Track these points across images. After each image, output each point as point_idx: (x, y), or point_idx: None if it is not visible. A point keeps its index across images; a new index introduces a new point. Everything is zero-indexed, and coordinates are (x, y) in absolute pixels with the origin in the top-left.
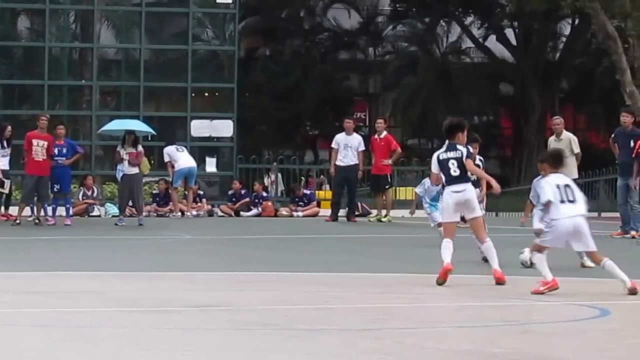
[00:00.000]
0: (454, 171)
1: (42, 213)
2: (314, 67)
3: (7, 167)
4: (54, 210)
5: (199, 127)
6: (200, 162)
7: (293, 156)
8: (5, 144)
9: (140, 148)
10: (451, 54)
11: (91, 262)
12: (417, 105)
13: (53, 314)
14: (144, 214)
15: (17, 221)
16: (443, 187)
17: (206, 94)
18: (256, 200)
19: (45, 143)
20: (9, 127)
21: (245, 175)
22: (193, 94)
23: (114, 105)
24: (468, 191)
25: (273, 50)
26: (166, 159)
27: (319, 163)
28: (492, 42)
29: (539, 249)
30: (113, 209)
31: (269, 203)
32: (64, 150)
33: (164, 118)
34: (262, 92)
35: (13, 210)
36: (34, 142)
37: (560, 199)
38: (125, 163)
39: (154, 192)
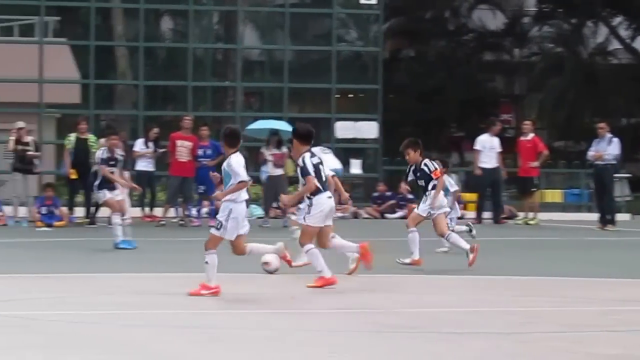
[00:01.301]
0: None
1: (186, 214)
2: (459, 68)
3: (151, 169)
4: (198, 212)
5: (343, 129)
6: (345, 164)
7: (438, 158)
8: (150, 145)
9: (284, 149)
10: (598, 55)
11: (235, 263)
12: (563, 107)
13: (194, 316)
14: (290, 215)
15: (162, 222)
16: None
17: (350, 95)
18: (401, 202)
19: (190, 144)
20: (156, 129)
21: (390, 177)
22: (337, 95)
23: (257, 106)
24: None
25: (417, 52)
26: None
27: (465, 165)
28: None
29: None
30: (257, 211)
31: (415, 205)
32: (208, 152)
33: (307, 119)
34: (407, 93)
35: (158, 211)
36: (178, 143)
37: None
38: (270, 164)
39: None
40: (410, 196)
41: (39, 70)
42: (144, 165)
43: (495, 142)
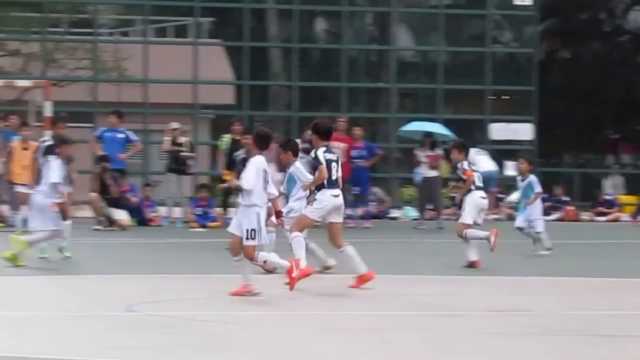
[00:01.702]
0: None
1: None
2: (615, 69)
3: None
4: (353, 213)
5: (498, 130)
6: (500, 166)
7: (594, 160)
8: (306, 149)
9: (438, 151)
10: None
11: (389, 265)
12: None
13: (353, 317)
14: (443, 217)
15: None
16: None
17: (505, 97)
18: (556, 205)
19: (344, 145)
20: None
21: (545, 178)
22: (491, 97)
23: (411, 107)
24: None
25: (572, 53)
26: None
27: (622, 167)
28: None
29: None
30: (412, 212)
31: (570, 207)
32: (363, 153)
33: (461, 121)
34: (561, 94)
35: None
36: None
37: None
38: (424, 166)
39: (453, 195)
40: (565, 198)
41: (194, 72)
42: None
43: None
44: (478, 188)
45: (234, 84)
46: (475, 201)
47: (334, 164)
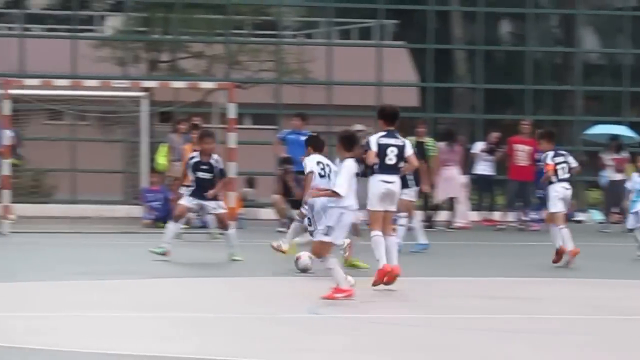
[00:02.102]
0: None
1: (525, 218)
2: None
3: (490, 173)
4: (538, 216)
5: None
6: None
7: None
8: (490, 150)
9: (624, 154)
10: None
11: (568, 269)
12: None
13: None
14: None
15: (501, 226)
16: None
17: None
18: None
19: (529, 148)
20: (496, 133)
21: None
22: None
23: (597, 110)
24: None
25: None
26: None
27: None
28: None
29: None
30: (597, 215)
31: None
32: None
33: None
34: None
35: (497, 215)
36: (517, 147)
37: None
38: (610, 169)
39: None
40: None
41: (377, 74)
42: (483, 169)
43: None
44: (560, 180)
45: (418, 86)
46: (557, 191)
47: (391, 149)
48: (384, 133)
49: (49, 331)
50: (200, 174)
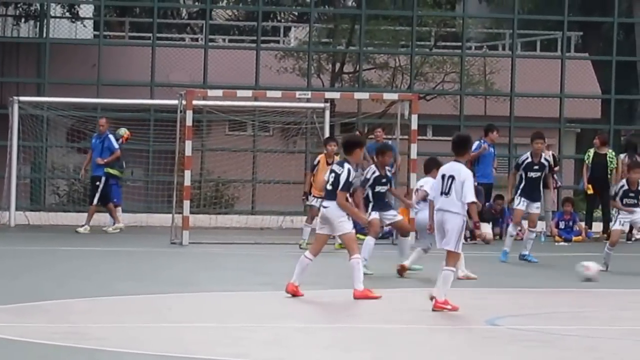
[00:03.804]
0: None
1: None
2: None
3: None
4: None
5: None
6: None
7: None
8: None
9: None
10: None
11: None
12: None
13: None
14: None
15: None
16: None
17: None
18: None
19: None
20: None
21: None
22: None
23: None
24: None
25: None
26: None
27: None
28: None
29: None
30: None
31: None
32: None
33: None
34: None
35: None
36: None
37: None
38: None
39: None
40: None
41: (560, 85)
42: None
43: None
44: None
45: (601, 98)
46: None
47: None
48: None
49: (250, 342)
50: (379, 188)
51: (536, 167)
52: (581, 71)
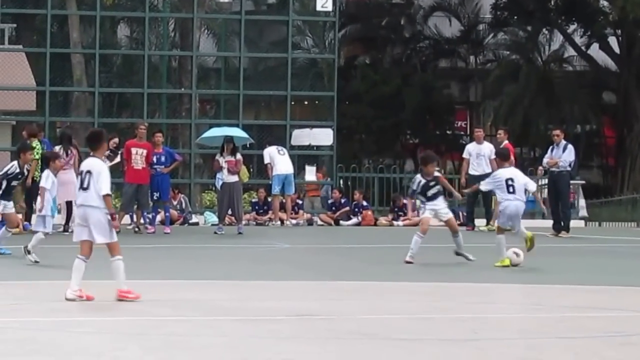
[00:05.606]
0: None
1: (141, 221)
2: (414, 75)
3: None
4: (153, 219)
5: (299, 136)
6: (300, 170)
7: (393, 165)
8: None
9: (239, 156)
10: (553, 62)
11: (190, 270)
12: (518, 114)
13: (151, 322)
14: (244, 222)
15: (117, 230)
16: None
17: (306, 102)
18: (356, 210)
19: (144, 151)
20: (115, 139)
21: (345, 184)
22: (292, 102)
23: (213, 113)
24: None
25: (373, 59)
26: (266, 160)
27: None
28: (594, 51)
29: None
30: (212, 218)
31: (369, 212)
32: (162, 159)
33: (263, 126)
34: (362, 100)
35: None
36: (133, 150)
37: None
38: (225, 171)
39: (253, 200)
40: (364, 203)
41: None
42: None
43: (485, 149)
44: None
45: (36, 90)
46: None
47: None
48: None
49: None
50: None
51: None
52: (15, 63)
